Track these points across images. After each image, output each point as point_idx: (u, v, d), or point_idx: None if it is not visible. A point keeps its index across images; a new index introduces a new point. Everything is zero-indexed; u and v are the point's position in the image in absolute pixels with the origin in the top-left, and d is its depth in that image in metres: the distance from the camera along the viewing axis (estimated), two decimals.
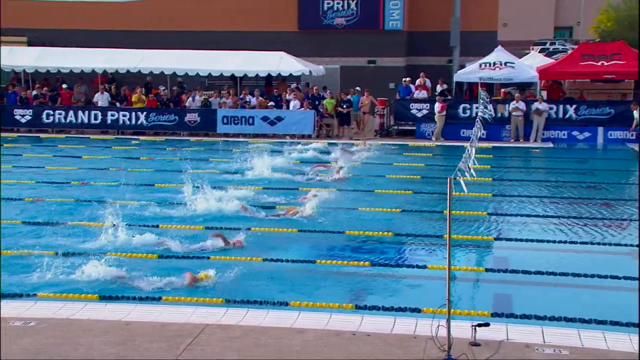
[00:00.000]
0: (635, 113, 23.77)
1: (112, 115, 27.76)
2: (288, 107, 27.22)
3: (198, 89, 29.32)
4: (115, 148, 24.50)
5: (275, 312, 9.10)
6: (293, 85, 29.09)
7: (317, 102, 27.28)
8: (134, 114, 27.61)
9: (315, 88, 28.40)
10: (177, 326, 8.44)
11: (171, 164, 20.84)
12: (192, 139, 26.63)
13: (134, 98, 28.11)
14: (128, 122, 27.61)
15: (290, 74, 28.29)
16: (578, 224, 14.39)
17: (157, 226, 13.41)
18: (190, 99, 27.92)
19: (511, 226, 14.35)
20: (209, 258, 11.46)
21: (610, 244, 12.88)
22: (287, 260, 11.53)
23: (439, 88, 27.61)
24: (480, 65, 26.96)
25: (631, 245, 12.76)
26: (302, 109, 26.92)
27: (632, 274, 10.89)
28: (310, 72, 28.29)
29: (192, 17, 34.22)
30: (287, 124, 26.58)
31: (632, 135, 24.40)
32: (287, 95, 27.78)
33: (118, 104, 28.42)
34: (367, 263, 11.52)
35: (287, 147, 23.85)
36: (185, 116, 27.33)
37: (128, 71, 28.48)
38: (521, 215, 15.06)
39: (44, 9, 34.86)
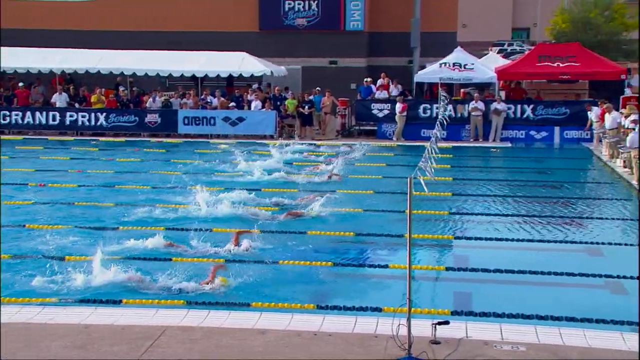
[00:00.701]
0: (590, 113, 24.22)
1: (71, 116, 27.36)
2: (249, 108, 27.13)
3: (159, 89, 29.04)
4: (75, 149, 24.16)
5: (237, 314, 9.07)
6: (254, 86, 29.00)
7: (278, 103, 27.25)
8: (93, 114, 27.24)
9: (277, 88, 28.36)
10: (137, 328, 8.36)
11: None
12: (153, 139, 26.39)
13: (93, 99, 27.74)
14: (87, 123, 27.25)
15: (252, 75, 28.19)
16: (536, 222, 14.61)
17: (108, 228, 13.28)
18: (151, 99, 27.65)
19: (471, 225, 14.49)
20: (170, 260, 11.36)
21: (566, 242, 13.11)
22: (249, 262, 11.50)
23: (393, 89, 27.76)
24: (440, 66, 27.22)
25: (586, 242, 13.02)
26: (264, 109, 26.86)
27: (586, 270, 11.13)
28: (271, 72, 28.24)
29: (153, 17, 33.89)
30: (248, 125, 26.50)
31: (587, 134, 24.87)
32: (248, 95, 27.70)
33: (77, 105, 28.01)
34: (329, 263, 11.55)
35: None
36: (146, 117, 27.06)
37: (87, 71, 28.08)
38: (481, 214, 15.24)
39: None
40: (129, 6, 34.17)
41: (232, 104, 27.34)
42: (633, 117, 19.51)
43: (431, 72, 27.55)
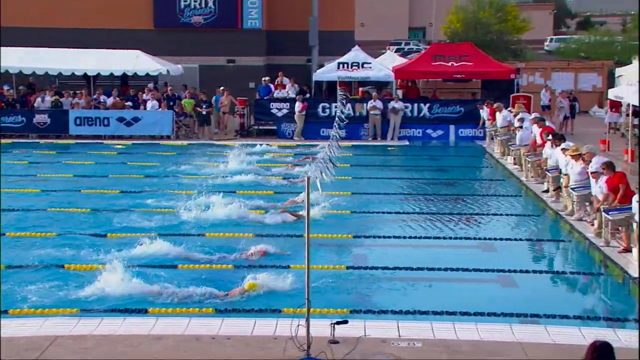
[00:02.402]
0: (482, 112, 25.06)
1: None
2: (145, 108, 26.59)
3: (48, 89, 27.99)
4: None
5: (132, 320, 8.89)
6: (150, 85, 28.44)
7: (172, 103, 26.80)
8: None
9: (170, 88, 27.86)
10: (24, 340, 8.06)
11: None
12: (42, 141, 25.42)
13: None
14: None
15: (147, 74, 27.62)
16: (432, 219, 15.04)
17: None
18: (40, 99, 26.62)
19: (371, 223, 14.73)
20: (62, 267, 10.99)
21: (461, 238, 13.55)
22: (147, 266, 11.29)
23: (290, 88, 27.84)
24: (339, 65, 27.53)
25: (479, 238, 13.52)
26: (160, 109, 26.40)
27: (480, 265, 11.57)
28: (168, 71, 27.77)
29: (42, 13, 32.58)
30: (144, 125, 25.92)
31: (479, 132, 25.74)
32: (144, 95, 27.14)
33: None
34: (230, 266, 11.50)
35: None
36: (34, 117, 26.01)
37: None
38: (380, 213, 15.47)
39: None
40: (17, 1, 32.72)
41: (129, 103, 26.71)
42: (520, 115, 20.34)
43: (329, 71, 27.81)
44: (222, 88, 27.40)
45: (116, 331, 8.43)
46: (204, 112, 26.71)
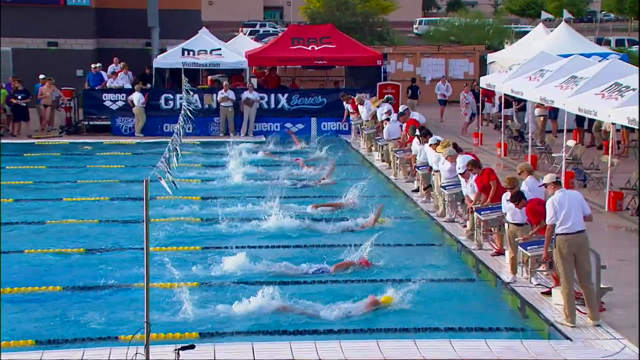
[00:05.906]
0: (346, 104, 25.37)
1: None
2: None
3: None
4: None
5: None
6: None
7: None
8: None
9: None
10: None
11: None
12: None
13: None
14: None
15: None
16: (292, 224, 15.21)
17: None
18: None
19: (223, 231, 14.72)
20: None
21: (324, 246, 13.82)
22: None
23: (122, 76, 27.33)
24: (183, 51, 27.30)
25: (344, 245, 13.84)
26: None
27: (343, 276, 11.90)
28: None
29: None
30: None
31: (344, 126, 26.26)
32: None
33: None
34: (57, 287, 11.20)
35: None
36: None
37: None
38: (251, 220, 15.43)
39: None
40: None
41: None
42: (387, 107, 20.95)
43: (173, 56, 27.54)
44: (42, 77, 26.40)
45: None
46: (23, 104, 25.63)
